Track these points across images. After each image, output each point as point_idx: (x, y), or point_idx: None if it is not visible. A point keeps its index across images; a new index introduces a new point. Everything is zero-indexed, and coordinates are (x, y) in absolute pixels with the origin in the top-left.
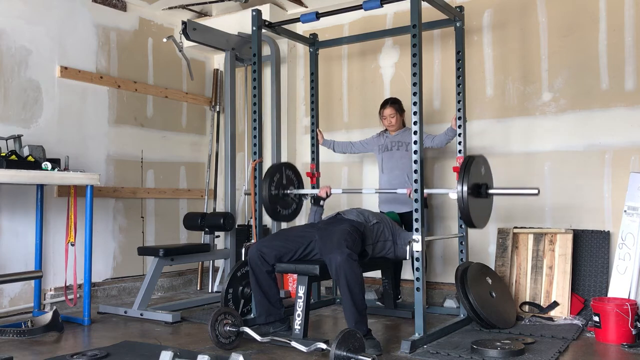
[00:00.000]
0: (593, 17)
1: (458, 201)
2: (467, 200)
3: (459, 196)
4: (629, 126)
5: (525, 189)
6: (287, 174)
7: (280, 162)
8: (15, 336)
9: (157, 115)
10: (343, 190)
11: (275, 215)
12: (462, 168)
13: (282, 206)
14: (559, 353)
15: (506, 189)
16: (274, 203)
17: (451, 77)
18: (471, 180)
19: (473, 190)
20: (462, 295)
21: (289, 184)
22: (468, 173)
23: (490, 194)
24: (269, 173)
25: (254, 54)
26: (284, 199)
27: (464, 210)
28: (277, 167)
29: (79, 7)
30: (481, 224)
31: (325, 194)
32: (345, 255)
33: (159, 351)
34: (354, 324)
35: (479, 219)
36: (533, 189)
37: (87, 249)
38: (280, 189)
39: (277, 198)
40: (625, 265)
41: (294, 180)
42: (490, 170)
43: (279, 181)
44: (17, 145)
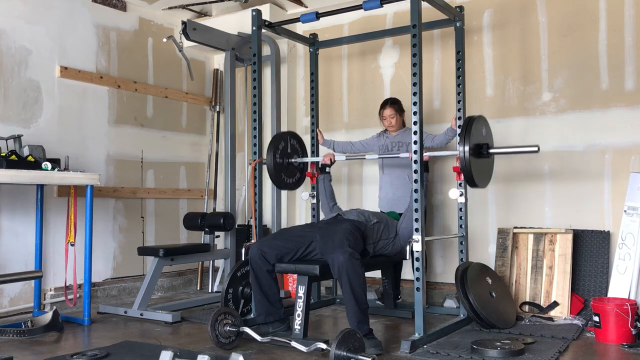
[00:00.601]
0: (593, 17)
1: (460, 161)
2: (469, 160)
3: (460, 156)
4: (629, 126)
5: (525, 147)
6: (291, 143)
7: (284, 131)
8: (15, 336)
9: (157, 115)
10: (346, 157)
11: (280, 183)
12: (463, 128)
13: (287, 174)
14: (559, 353)
15: (507, 148)
16: (279, 171)
17: (451, 77)
18: (472, 140)
19: (474, 150)
20: (462, 295)
21: (293, 152)
22: (469, 133)
23: (491, 153)
24: (274, 141)
25: (254, 54)
26: (289, 167)
27: (467, 170)
28: (282, 135)
29: (79, 7)
30: (483, 183)
31: (330, 161)
32: (348, 255)
33: (159, 351)
34: (357, 324)
35: (481, 178)
36: (533, 146)
37: (87, 249)
38: (285, 157)
39: (281, 166)
40: (625, 265)
41: (298, 149)
42: (491, 131)
43: (283, 150)
44: (17, 145)
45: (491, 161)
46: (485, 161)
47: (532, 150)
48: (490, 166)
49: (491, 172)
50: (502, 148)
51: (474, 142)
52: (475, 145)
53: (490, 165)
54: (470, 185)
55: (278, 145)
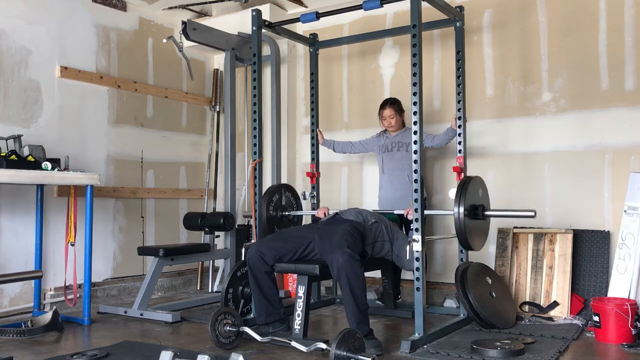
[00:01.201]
0: (593, 17)
1: (455, 222)
2: (464, 221)
3: (455, 217)
4: (629, 126)
5: (522, 211)
6: (286, 196)
7: (279, 184)
8: (15, 336)
9: (157, 115)
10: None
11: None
12: (459, 189)
13: (280, 228)
14: (559, 353)
15: (503, 211)
16: (272, 224)
17: (451, 77)
18: (468, 201)
19: (470, 212)
20: (462, 295)
21: (287, 205)
22: (465, 194)
23: (487, 215)
24: (268, 194)
25: (254, 54)
26: (282, 220)
27: (461, 232)
28: (276, 188)
29: (79, 7)
30: (478, 246)
31: (324, 215)
32: (347, 256)
33: (159, 351)
34: (356, 324)
35: (476, 240)
36: (530, 211)
37: (87, 249)
38: (279, 210)
39: (275, 219)
40: (625, 265)
41: (293, 202)
42: (487, 192)
43: (277, 202)
44: (17, 145)
45: (487, 223)
46: (481, 223)
47: (528, 215)
48: (486, 228)
49: (487, 233)
50: (498, 211)
51: (470, 203)
52: (470, 207)
53: (486, 227)
54: (465, 247)
55: (272, 198)
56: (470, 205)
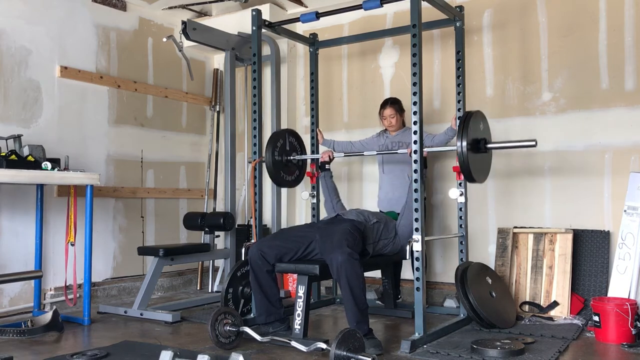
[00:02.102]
0: (593, 17)
1: (458, 155)
2: (467, 155)
3: (458, 151)
4: (629, 126)
5: (522, 141)
6: (290, 141)
7: (283, 129)
8: (15, 336)
9: (157, 115)
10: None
11: (279, 181)
12: (461, 123)
13: (286, 172)
14: (559, 353)
15: (504, 143)
16: (278, 169)
17: (451, 77)
18: (470, 135)
19: (472, 145)
20: (462, 295)
21: (292, 150)
22: (467, 128)
23: (489, 148)
24: (272, 139)
25: (254, 54)
26: (287, 165)
27: (464, 165)
28: (280, 133)
29: (79, 7)
30: (481, 178)
31: (328, 158)
32: (347, 255)
33: (159, 351)
34: (356, 324)
35: (479, 173)
36: (530, 140)
37: (87, 249)
38: (284, 155)
39: (280, 164)
40: (625, 265)
41: (297, 147)
42: (489, 126)
43: (282, 147)
44: (17, 145)
45: (489, 156)
46: (483, 156)
47: (529, 144)
48: (488, 161)
49: (489, 167)
50: (499, 143)
51: (472, 137)
52: (473, 140)
53: (488, 161)
54: (468, 180)
55: (277, 143)
56: (473, 139)
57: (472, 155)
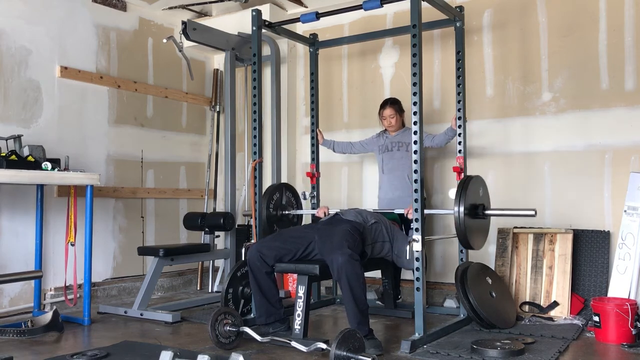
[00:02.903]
0: (593, 17)
1: (455, 221)
2: (464, 220)
3: (455, 217)
4: (629, 126)
5: (522, 210)
6: (286, 195)
7: (279, 183)
8: (15, 336)
9: (157, 115)
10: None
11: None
12: (459, 188)
13: (280, 226)
14: (559, 353)
15: (503, 210)
16: (272, 223)
17: (451, 77)
18: (468, 200)
19: (470, 211)
20: (462, 295)
21: (287, 204)
22: (465, 193)
23: (487, 214)
24: (268, 192)
25: (254, 54)
26: (282, 219)
27: (461, 231)
28: (276, 187)
29: (79, 7)
30: (478, 245)
31: (324, 214)
32: (347, 256)
33: (159, 351)
34: (356, 325)
35: (477, 239)
36: (530, 210)
37: (87, 249)
38: (279, 209)
39: (275, 218)
40: (625, 265)
41: (293, 202)
42: (488, 191)
43: (278, 201)
44: (17, 145)
45: (487, 222)
46: (482, 222)
47: (529, 214)
48: (487, 227)
49: (487, 233)
50: (498, 210)
51: (470, 202)
52: (471, 206)
53: (487, 226)
54: (465, 247)
55: (272, 197)
56: (471, 204)
57: (470, 221)
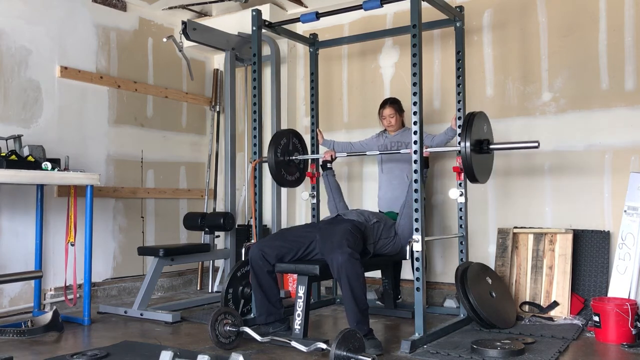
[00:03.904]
0: (593, 17)
1: (462, 156)
2: (471, 155)
3: (462, 152)
4: (629, 126)
5: (525, 142)
6: (292, 141)
7: (286, 129)
8: (15, 336)
9: (157, 115)
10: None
11: (280, 180)
12: (465, 124)
13: (287, 172)
14: (559, 353)
15: (507, 144)
16: (280, 168)
17: (451, 77)
18: (474, 136)
19: (476, 146)
20: (462, 295)
21: (294, 150)
22: (470, 129)
23: (492, 149)
24: (276, 138)
25: (254, 54)
26: (289, 164)
27: (468, 166)
28: (283, 133)
29: (79, 7)
30: (483, 179)
31: (330, 157)
32: (347, 255)
33: (159, 351)
34: (356, 324)
35: (482, 174)
36: (533, 142)
37: (87, 249)
38: (286, 155)
39: (282, 163)
40: (625, 265)
41: (299, 148)
42: (491, 127)
43: (284, 147)
44: (17, 145)
45: (491, 157)
46: (486, 157)
47: (532, 146)
48: (491, 162)
49: (491, 167)
50: (502, 144)
51: (475, 138)
52: (476, 141)
53: (491, 161)
54: (471, 180)
55: (280, 143)
56: (476, 139)
57: (475, 155)
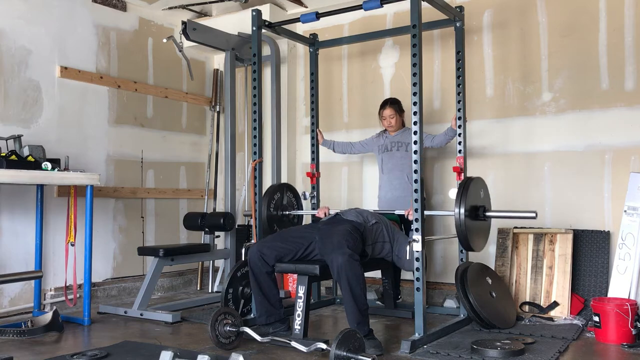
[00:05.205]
0: (593, 17)
1: (455, 223)
2: (465, 222)
3: (456, 218)
4: (629, 126)
5: (523, 212)
6: (287, 195)
7: (280, 183)
8: (15, 336)
9: (157, 115)
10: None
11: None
12: (460, 189)
13: (280, 226)
14: (559, 353)
15: (504, 212)
16: (272, 223)
17: (451, 77)
18: (469, 202)
19: (471, 213)
20: (462, 295)
21: (288, 205)
22: (466, 195)
23: (488, 216)
24: (269, 193)
25: (254, 54)
26: (282, 220)
27: (462, 233)
28: (277, 187)
29: (79, 7)
30: (479, 247)
31: (324, 215)
32: (347, 256)
33: (159, 351)
34: (356, 325)
35: (477, 241)
36: (531, 212)
37: (87, 249)
38: (280, 209)
39: (275, 218)
40: (625, 265)
41: (294, 202)
42: (488, 193)
43: (278, 201)
44: (17, 145)
45: (488, 224)
46: (482, 224)
47: (529, 216)
48: (487, 229)
49: (488, 234)
50: (499, 212)
51: (471, 204)
52: (471, 208)
53: (487, 228)
54: (466, 249)
55: (273, 196)
56: (471, 206)
57: (470, 222)
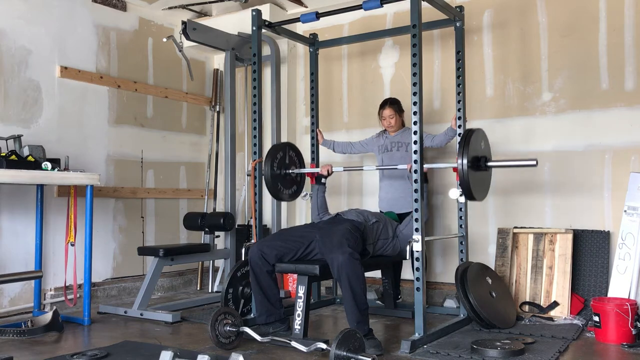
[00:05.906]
0: (593, 17)
1: (459, 173)
2: (468, 173)
3: (459, 169)
4: (629, 126)
5: (523, 160)
6: (289, 154)
7: (283, 142)
8: (15, 336)
9: (157, 115)
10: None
11: (276, 194)
12: (462, 141)
13: (284, 185)
14: (559, 353)
15: (505, 161)
16: (276, 181)
17: (451, 77)
18: (471, 153)
19: (473, 163)
20: (462, 295)
21: (291, 164)
22: (468, 146)
23: (489, 166)
24: (272, 152)
25: (254, 54)
26: (285, 178)
27: (465, 183)
28: (280, 146)
29: (79, 7)
30: (481, 196)
31: (327, 172)
32: (347, 255)
33: (159, 351)
34: (356, 324)
35: (479, 191)
36: (531, 160)
37: (87, 249)
38: (283, 168)
39: (278, 177)
40: (625, 265)
41: (296, 161)
42: (489, 144)
43: (281, 160)
44: (17, 145)
45: (489, 174)
46: (483, 174)
47: (530, 164)
48: (488, 179)
49: (489, 185)
50: (500, 161)
51: (473, 155)
52: (473, 158)
53: (488, 178)
54: (469, 198)
55: (276, 156)
56: (473, 156)
57: (473, 173)
